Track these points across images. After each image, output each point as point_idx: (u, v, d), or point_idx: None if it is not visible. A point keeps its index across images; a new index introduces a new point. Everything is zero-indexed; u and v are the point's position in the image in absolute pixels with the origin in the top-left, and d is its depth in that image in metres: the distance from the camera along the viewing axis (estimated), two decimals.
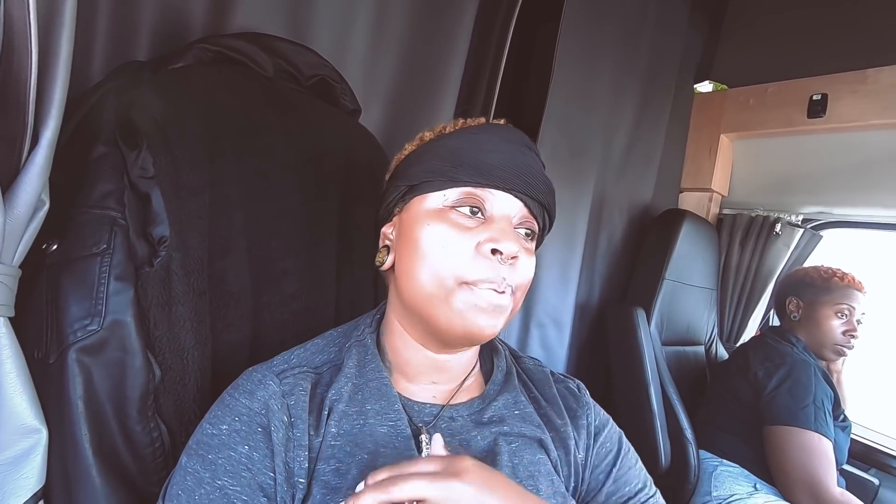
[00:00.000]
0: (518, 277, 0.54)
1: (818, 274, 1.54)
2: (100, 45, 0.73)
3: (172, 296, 0.58)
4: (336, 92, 0.88)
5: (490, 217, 0.54)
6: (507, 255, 0.52)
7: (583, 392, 0.67)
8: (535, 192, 0.56)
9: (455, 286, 0.52)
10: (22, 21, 0.38)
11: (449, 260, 0.52)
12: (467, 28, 1.23)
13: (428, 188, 0.55)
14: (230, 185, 0.67)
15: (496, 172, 0.54)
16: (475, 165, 0.54)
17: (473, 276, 0.51)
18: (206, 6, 0.84)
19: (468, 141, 0.56)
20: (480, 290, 0.51)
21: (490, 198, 0.54)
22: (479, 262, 0.52)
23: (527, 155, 0.57)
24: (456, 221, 0.53)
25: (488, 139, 0.56)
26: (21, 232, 0.46)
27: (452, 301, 0.52)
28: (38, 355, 0.51)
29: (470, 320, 0.51)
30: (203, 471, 0.47)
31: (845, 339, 1.45)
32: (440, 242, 0.52)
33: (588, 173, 1.55)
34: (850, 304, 1.46)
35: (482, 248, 0.52)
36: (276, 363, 0.55)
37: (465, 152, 0.55)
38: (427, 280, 0.53)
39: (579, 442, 0.61)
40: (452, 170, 0.54)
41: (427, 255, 0.53)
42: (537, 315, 1.48)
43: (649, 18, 1.64)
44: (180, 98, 0.65)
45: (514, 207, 0.55)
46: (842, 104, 1.64)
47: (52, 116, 0.45)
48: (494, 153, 0.55)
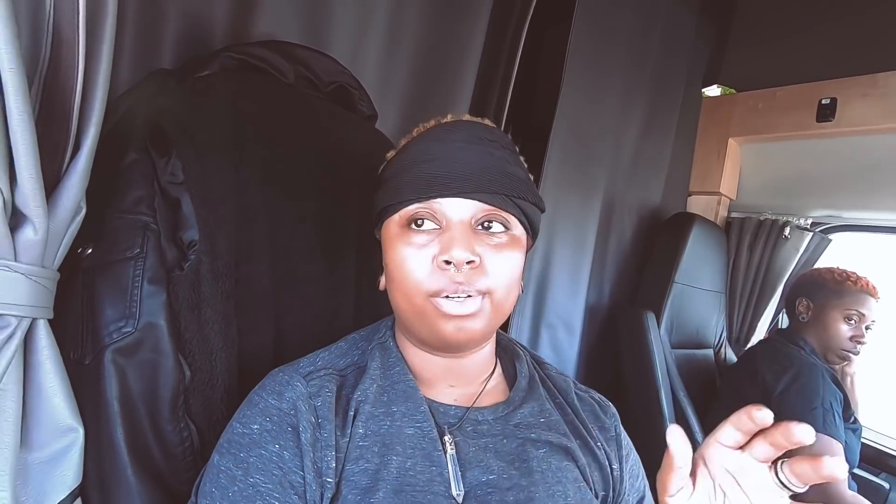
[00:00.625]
0: (490, 279, 0.53)
1: (831, 276, 1.53)
2: (126, 55, 0.75)
3: (202, 298, 0.59)
4: (354, 98, 0.89)
5: (445, 226, 0.54)
6: (459, 262, 0.51)
7: (608, 405, 0.68)
8: (489, 186, 0.54)
9: (423, 301, 0.53)
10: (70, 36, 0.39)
11: (410, 278, 0.53)
12: (480, 33, 1.24)
13: (387, 213, 0.57)
14: (254, 191, 0.69)
15: (436, 182, 0.53)
16: (415, 180, 0.54)
17: (433, 287, 0.52)
18: (227, 15, 0.86)
19: (410, 155, 0.56)
20: (443, 300, 0.52)
21: (439, 207, 0.54)
22: (436, 275, 0.52)
23: (474, 148, 0.55)
24: (411, 241, 0.54)
25: (427, 146, 0.56)
26: (61, 236, 0.47)
27: (424, 315, 0.53)
28: (75, 356, 0.53)
29: (440, 330, 0.53)
30: (235, 468, 0.48)
31: (852, 345, 1.45)
32: (401, 263, 0.54)
33: (598, 176, 1.56)
34: (859, 310, 1.45)
35: (437, 260, 0.52)
36: (303, 365, 0.56)
37: (407, 168, 0.56)
38: (401, 300, 0.55)
39: (610, 453, 0.62)
40: (399, 190, 0.55)
41: (395, 277, 0.55)
42: (547, 317, 1.48)
43: (659, 22, 1.65)
44: (207, 105, 0.66)
45: (467, 209, 0.54)
46: (851, 108, 1.65)
47: (93, 125, 0.46)
48: (432, 161, 0.54)
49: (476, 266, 0.53)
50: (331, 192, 0.77)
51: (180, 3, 0.79)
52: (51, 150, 0.44)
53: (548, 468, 0.55)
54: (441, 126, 0.58)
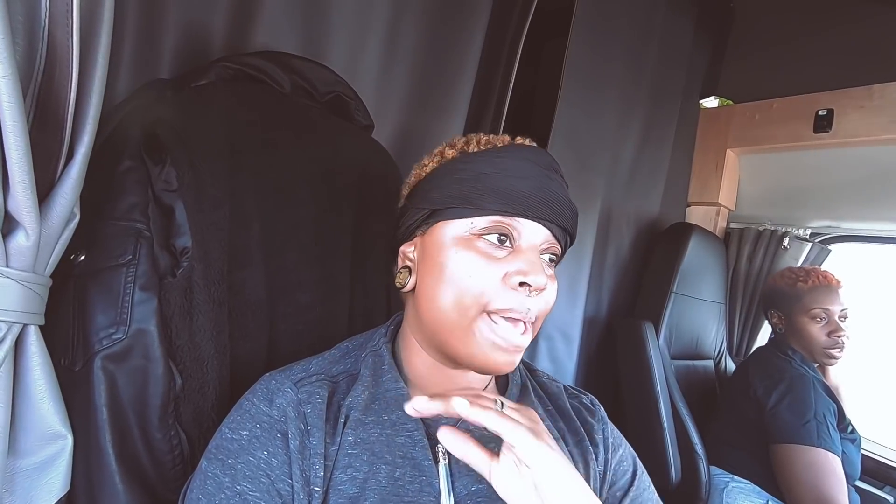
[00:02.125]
0: (543, 305, 0.54)
1: (785, 281, 1.51)
2: (125, 64, 0.76)
3: (194, 305, 0.59)
4: (350, 108, 0.90)
5: (518, 247, 0.54)
6: (536, 288, 0.52)
7: (597, 407, 0.68)
8: (562, 220, 0.55)
9: (477, 315, 0.52)
10: (65, 43, 0.40)
11: (475, 288, 0.51)
12: (477, 44, 1.25)
13: (453, 214, 0.54)
14: (249, 198, 0.69)
15: (525, 201, 0.53)
16: (503, 193, 0.53)
17: (498, 304, 0.51)
18: (224, 26, 0.87)
19: (494, 165, 0.55)
20: (502, 324, 0.52)
21: (518, 226, 0.54)
22: (505, 293, 0.52)
23: (553, 180, 0.56)
24: (483, 250, 0.53)
25: (515, 164, 0.55)
26: (54, 243, 0.48)
27: (474, 331, 0.52)
28: (65, 363, 0.53)
29: (489, 357, 0.52)
30: (223, 475, 0.48)
31: (832, 342, 1.41)
32: (467, 270, 0.52)
33: (596, 187, 1.57)
34: (822, 307, 1.42)
35: (510, 279, 0.52)
36: (295, 371, 0.56)
37: (491, 178, 0.54)
38: (450, 307, 0.53)
39: (598, 456, 0.61)
40: (479, 197, 0.53)
41: (452, 281, 0.52)
42: (546, 328, 1.48)
43: (655, 34, 1.66)
44: (202, 114, 0.67)
45: (540, 236, 0.55)
46: (848, 119, 1.66)
47: (87, 132, 0.46)
48: (522, 179, 0.54)
49: (540, 293, 0.53)
50: (326, 200, 0.78)
51: (179, 14, 0.81)
52: (44, 157, 0.45)
53: None
54: (523, 146, 0.58)
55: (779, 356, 1.45)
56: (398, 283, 0.59)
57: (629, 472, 0.64)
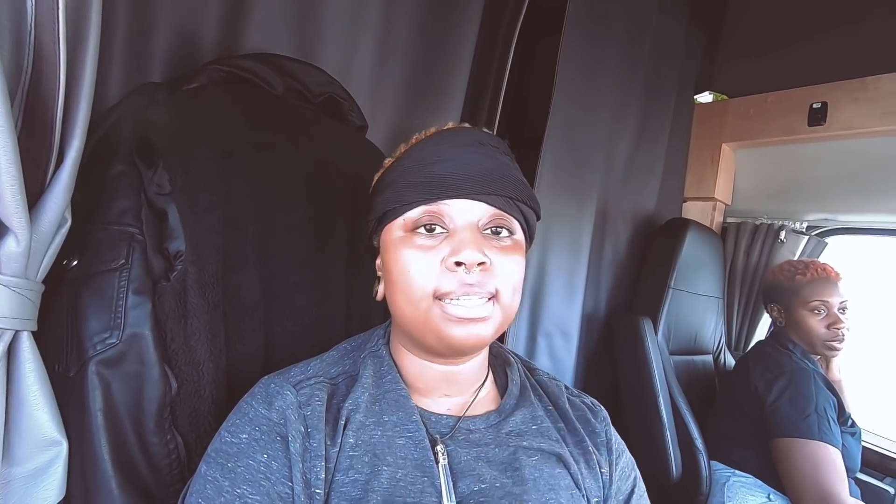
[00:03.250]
0: (498, 280, 0.53)
1: (784, 275, 1.52)
2: (116, 68, 0.75)
3: (188, 309, 0.59)
4: (344, 109, 0.90)
5: (453, 229, 0.53)
6: (471, 264, 0.51)
7: (599, 408, 0.67)
8: (496, 189, 0.54)
9: (430, 304, 0.52)
10: (51, 45, 0.40)
11: (416, 281, 0.52)
12: (470, 43, 1.25)
13: (390, 216, 0.56)
14: (242, 201, 0.69)
15: (445, 182, 0.53)
16: (423, 181, 0.54)
17: (442, 290, 0.51)
18: (216, 29, 0.86)
19: (416, 158, 0.56)
20: (451, 304, 0.51)
21: (447, 210, 0.53)
22: (446, 276, 0.52)
23: (479, 152, 0.55)
24: (419, 244, 0.53)
25: (433, 150, 0.55)
26: (45, 248, 0.47)
27: (429, 319, 0.52)
28: (59, 368, 0.52)
29: (447, 334, 0.52)
30: (222, 479, 0.47)
31: (832, 334, 1.42)
32: (407, 267, 0.53)
33: (592, 183, 1.57)
34: (821, 299, 1.42)
35: (447, 262, 0.52)
36: (294, 374, 0.55)
37: (413, 171, 0.55)
38: (404, 305, 0.54)
39: (601, 458, 0.61)
40: (404, 192, 0.54)
41: (398, 281, 0.54)
42: (544, 325, 1.48)
43: (648, 30, 1.66)
44: (194, 117, 0.67)
45: (475, 212, 0.54)
46: (842, 112, 1.66)
47: (76, 136, 0.46)
48: (442, 163, 0.54)
49: (486, 268, 0.52)
50: (320, 201, 0.77)
51: (170, 17, 0.80)
52: (34, 162, 0.44)
53: (540, 476, 0.55)
54: (444, 131, 0.58)
55: (779, 350, 1.45)
56: (374, 294, 0.61)
57: (631, 477, 0.64)
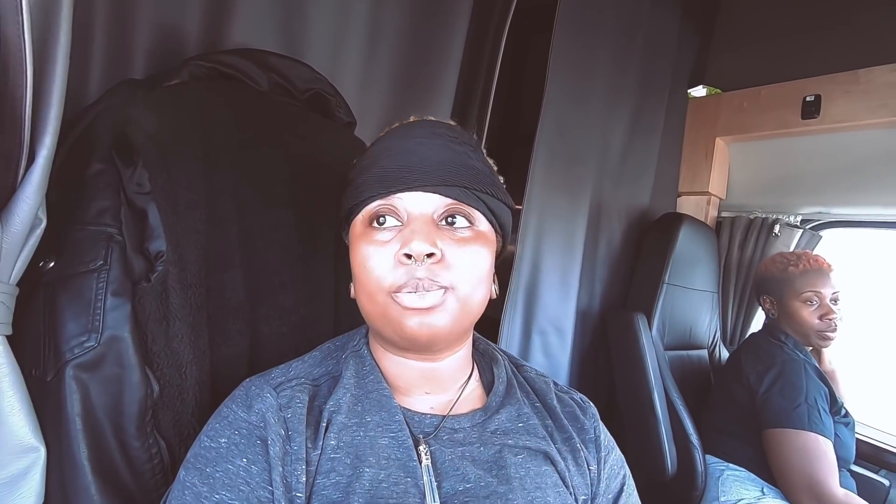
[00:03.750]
0: (452, 273, 0.51)
1: (776, 266, 1.52)
2: (96, 65, 0.74)
3: (170, 310, 0.58)
4: (331, 105, 0.89)
5: (406, 221, 0.53)
6: (419, 255, 0.50)
7: (588, 405, 0.66)
8: (450, 179, 0.53)
9: (385, 298, 0.52)
10: (16, 39, 0.38)
11: (372, 276, 0.52)
12: (460, 39, 1.24)
13: (352, 213, 0.57)
14: (226, 199, 0.68)
15: (396, 175, 0.53)
16: (377, 175, 0.54)
17: (394, 283, 0.51)
18: (200, 25, 0.85)
19: (372, 153, 0.57)
20: (400, 296, 0.51)
21: (400, 203, 0.53)
22: (397, 270, 0.51)
23: (433, 143, 0.54)
24: (374, 238, 0.53)
25: (389, 144, 0.56)
26: (18, 250, 0.46)
27: (387, 313, 0.52)
28: (36, 373, 0.51)
29: (403, 326, 0.51)
30: (201, 484, 0.46)
31: (824, 325, 1.42)
32: (364, 263, 0.53)
33: (585, 179, 1.56)
34: (814, 290, 1.43)
35: (398, 255, 0.51)
36: (274, 375, 0.55)
37: (369, 165, 0.55)
38: (366, 301, 0.54)
39: (589, 455, 0.60)
40: (359, 190, 0.55)
41: (359, 278, 0.54)
42: (539, 322, 1.47)
43: (641, 25, 1.65)
44: (175, 114, 0.65)
45: (429, 204, 0.53)
46: (835, 104, 1.65)
47: (48, 134, 0.45)
48: (395, 156, 0.54)
49: (438, 260, 0.51)
50: (307, 199, 0.76)
51: (152, 12, 0.79)
52: (3, 161, 0.43)
53: (526, 474, 0.54)
54: (401, 125, 0.58)
55: (771, 342, 1.45)
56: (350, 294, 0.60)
57: (620, 474, 0.63)
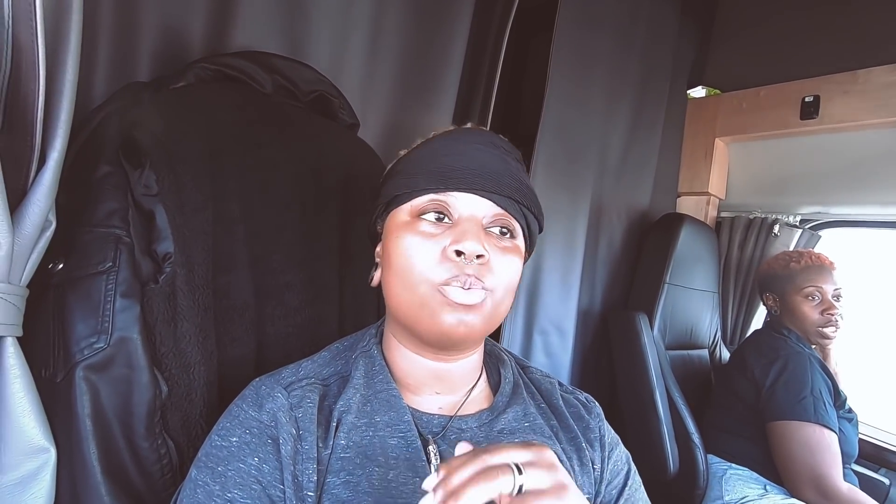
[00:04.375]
0: (494, 278, 0.53)
1: (778, 263, 1.54)
2: (102, 68, 0.74)
3: (178, 311, 0.58)
4: (334, 107, 0.89)
5: (457, 220, 0.54)
6: (471, 254, 0.51)
7: (593, 404, 0.67)
8: (502, 189, 0.55)
9: (428, 290, 0.52)
10: (30, 45, 0.39)
11: (417, 267, 0.52)
12: (462, 40, 1.25)
13: (397, 202, 0.57)
14: (232, 200, 0.68)
15: (456, 174, 0.54)
16: (435, 171, 0.55)
17: (442, 276, 0.51)
18: (205, 28, 0.85)
19: (429, 149, 0.58)
20: (448, 289, 0.51)
21: (453, 201, 0.54)
22: (445, 265, 0.52)
23: (491, 153, 0.56)
24: (421, 230, 0.54)
25: (447, 144, 0.57)
26: (29, 252, 0.46)
27: (427, 305, 0.52)
28: (46, 374, 0.51)
29: (441, 319, 0.51)
30: (213, 483, 0.47)
31: (825, 319, 1.43)
32: (408, 252, 0.53)
33: (585, 179, 1.56)
34: (815, 285, 1.44)
35: (447, 251, 0.52)
36: (285, 375, 0.55)
37: (426, 160, 0.56)
38: (402, 290, 0.54)
39: (593, 454, 0.61)
40: (415, 180, 0.55)
41: (397, 266, 0.54)
42: (540, 322, 1.47)
43: (640, 26, 1.66)
44: (181, 116, 0.66)
45: (481, 207, 0.55)
46: (834, 105, 1.66)
47: (59, 137, 0.45)
48: (455, 156, 0.55)
49: (484, 262, 0.53)
50: (311, 200, 0.77)
51: (156, 15, 0.79)
52: (14, 163, 0.43)
53: None
54: (460, 129, 0.60)
55: (774, 336, 1.46)
56: (372, 282, 0.61)
57: (623, 471, 0.63)
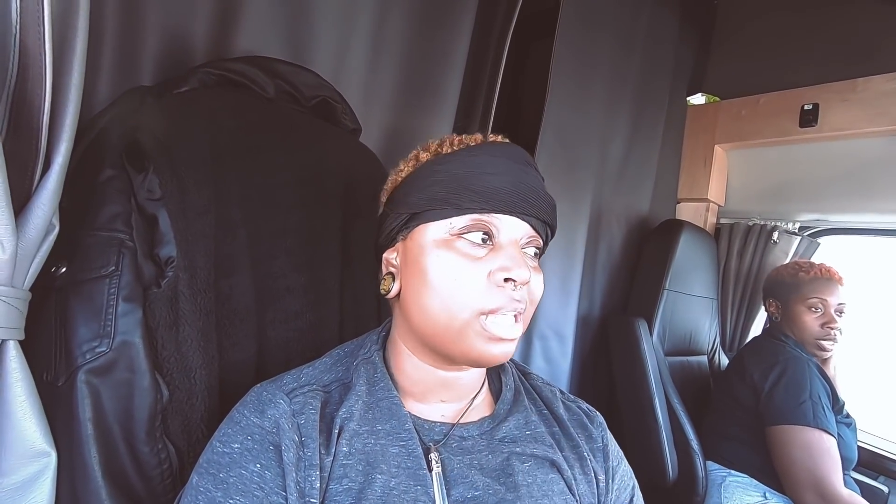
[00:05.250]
0: (530, 297, 0.55)
1: (787, 272, 1.54)
2: (105, 73, 0.74)
3: (180, 316, 0.58)
4: (337, 112, 0.89)
5: (498, 243, 0.53)
6: (521, 282, 0.52)
7: (595, 414, 0.66)
8: (540, 213, 0.55)
9: (470, 317, 0.51)
10: (36, 49, 0.39)
11: (461, 291, 0.51)
12: (464, 45, 1.25)
13: (432, 216, 0.54)
14: (234, 205, 0.68)
15: (501, 197, 0.53)
16: (479, 191, 0.53)
17: (490, 305, 0.51)
18: (208, 32, 0.86)
19: (469, 164, 0.54)
20: (496, 320, 0.51)
21: (497, 223, 0.53)
22: (493, 292, 0.51)
23: (529, 173, 0.56)
24: (464, 251, 0.52)
25: (490, 160, 0.55)
26: (32, 255, 0.46)
27: (468, 332, 0.51)
28: (48, 378, 0.51)
29: (484, 350, 0.52)
30: (215, 489, 0.46)
31: (824, 332, 1.43)
32: (451, 274, 0.51)
33: (585, 185, 1.57)
34: (820, 297, 1.44)
35: (494, 276, 0.51)
36: (286, 381, 0.55)
37: (467, 177, 0.54)
38: (439, 312, 0.52)
39: (596, 465, 0.60)
40: (456, 197, 0.53)
41: (438, 286, 0.52)
42: (539, 327, 1.48)
43: (640, 33, 1.67)
44: (185, 120, 0.66)
45: (520, 230, 0.54)
46: (833, 113, 1.67)
47: (64, 141, 0.45)
48: (497, 176, 0.54)
49: (525, 285, 0.53)
50: (313, 205, 0.77)
51: (160, 20, 0.79)
52: (19, 167, 0.44)
53: (533, 482, 0.54)
54: (497, 143, 0.58)
55: (773, 342, 1.47)
56: (382, 290, 0.59)
57: (629, 486, 0.63)
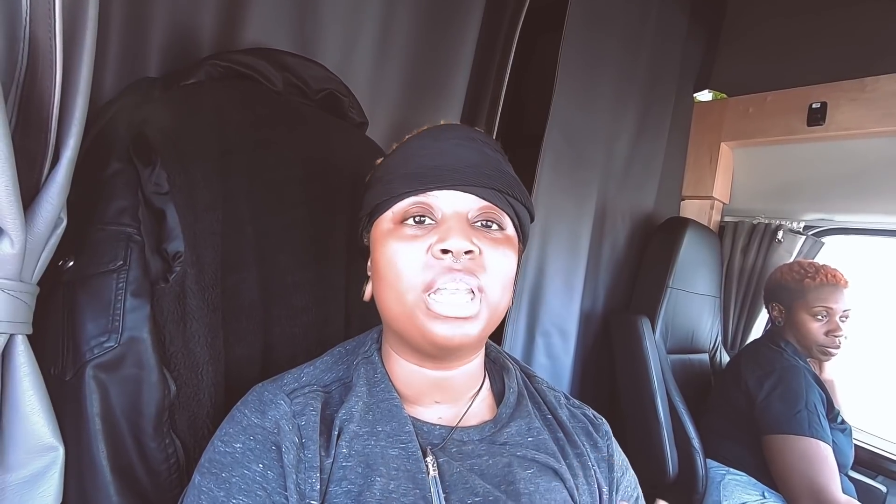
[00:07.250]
0: (488, 275, 0.51)
1: (791, 276, 1.52)
2: (112, 64, 0.74)
3: (187, 311, 0.58)
4: (344, 105, 0.89)
5: (440, 220, 0.52)
6: (458, 251, 0.49)
7: (601, 421, 0.65)
8: (484, 181, 0.53)
9: (416, 298, 0.50)
10: (47, 42, 0.38)
11: (404, 273, 0.50)
12: (471, 41, 1.24)
13: (379, 210, 0.55)
14: (241, 199, 0.68)
15: (433, 172, 0.52)
16: (412, 172, 0.53)
17: (427, 278, 0.49)
18: (215, 24, 0.85)
19: (404, 152, 0.56)
20: (439, 297, 0.49)
21: (435, 201, 0.52)
22: (431, 266, 0.50)
23: (467, 146, 0.54)
24: (404, 234, 0.52)
25: (424, 143, 0.55)
26: (40, 250, 0.46)
27: (417, 314, 0.50)
28: (55, 372, 0.51)
29: (431, 331, 0.49)
30: (217, 489, 0.46)
31: (829, 340, 1.42)
32: (393, 259, 0.51)
33: (591, 182, 1.56)
34: (825, 305, 1.42)
35: (432, 250, 0.50)
36: (287, 382, 0.54)
37: (400, 164, 0.55)
38: (393, 301, 0.52)
39: (600, 475, 0.59)
40: (390, 185, 0.53)
41: (385, 275, 0.52)
42: (542, 324, 1.48)
43: (649, 29, 1.66)
44: (192, 114, 0.65)
45: (464, 203, 0.52)
46: (841, 112, 1.66)
47: (73, 135, 0.45)
48: (431, 155, 0.53)
49: (475, 257, 0.50)
50: (320, 199, 0.76)
51: (167, 12, 0.78)
52: (28, 161, 0.43)
53: (535, 489, 0.53)
54: (434, 127, 0.58)
55: (771, 348, 1.46)
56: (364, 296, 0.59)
57: (633, 496, 0.63)
